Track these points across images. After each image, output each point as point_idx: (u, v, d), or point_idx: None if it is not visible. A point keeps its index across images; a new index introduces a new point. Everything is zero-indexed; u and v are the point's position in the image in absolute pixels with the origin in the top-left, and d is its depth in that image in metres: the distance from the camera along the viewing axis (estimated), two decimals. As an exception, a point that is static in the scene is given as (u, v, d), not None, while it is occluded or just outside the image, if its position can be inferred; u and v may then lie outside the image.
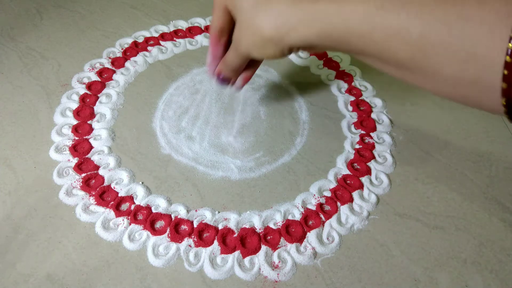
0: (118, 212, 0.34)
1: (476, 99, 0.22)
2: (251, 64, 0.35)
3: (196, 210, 0.35)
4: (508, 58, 0.18)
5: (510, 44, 0.18)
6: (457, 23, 0.20)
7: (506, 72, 0.19)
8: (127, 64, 0.48)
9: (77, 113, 0.42)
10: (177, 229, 0.34)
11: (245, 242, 0.33)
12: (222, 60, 0.34)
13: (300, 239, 0.33)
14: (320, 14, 0.25)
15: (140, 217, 0.34)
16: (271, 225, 0.34)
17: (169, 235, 0.33)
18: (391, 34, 0.22)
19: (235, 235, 0.33)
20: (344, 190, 0.37)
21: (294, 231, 0.34)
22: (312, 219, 0.35)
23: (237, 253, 0.32)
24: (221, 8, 0.31)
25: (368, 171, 0.39)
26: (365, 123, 0.43)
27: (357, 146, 0.41)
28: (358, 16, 0.23)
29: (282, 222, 0.34)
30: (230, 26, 0.32)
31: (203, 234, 0.33)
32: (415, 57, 0.22)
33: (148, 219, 0.34)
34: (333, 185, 0.38)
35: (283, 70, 0.49)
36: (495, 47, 0.19)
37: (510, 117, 0.21)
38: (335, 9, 0.24)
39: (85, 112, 0.42)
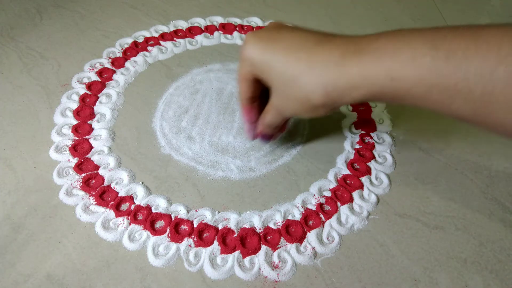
0: (118, 212, 0.34)
1: None
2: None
3: (196, 210, 0.35)
4: None
5: None
6: None
7: None
8: (127, 64, 0.48)
9: (77, 113, 0.42)
10: (177, 229, 0.34)
11: (245, 242, 0.33)
12: (262, 123, 0.33)
13: (300, 239, 0.33)
14: (370, 79, 0.24)
15: (140, 217, 0.34)
16: (271, 225, 0.34)
17: (169, 235, 0.33)
18: (449, 94, 0.21)
19: (235, 235, 0.33)
20: (344, 190, 0.37)
21: (294, 231, 0.34)
22: (312, 219, 0.35)
23: (237, 253, 0.32)
24: (248, 78, 0.30)
25: (368, 171, 0.39)
26: (365, 123, 0.43)
27: (357, 146, 0.41)
28: (411, 79, 0.22)
29: (282, 222, 0.34)
30: (259, 92, 0.31)
31: (203, 234, 0.33)
32: (477, 113, 0.21)
33: (148, 219, 0.34)
34: (333, 185, 0.38)
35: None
36: None
37: None
38: (385, 72, 0.23)
39: (85, 112, 0.42)
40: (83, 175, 0.37)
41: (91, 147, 0.39)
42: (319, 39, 0.26)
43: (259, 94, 0.32)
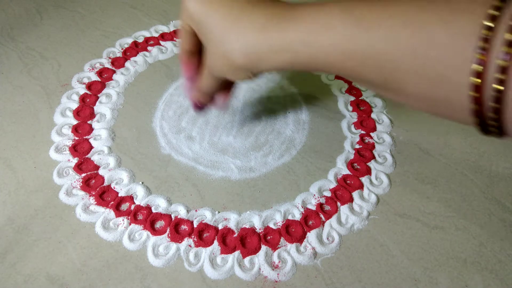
0: (118, 212, 0.34)
1: (450, 116, 0.22)
2: (228, 83, 0.34)
3: (196, 210, 0.35)
4: (473, 79, 0.18)
5: (475, 66, 0.18)
6: (424, 47, 0.19)
7: (474, 94, 0.18)
8: (127, 64, 0.48)
9: (77, 113, 0.42)
10: (177, 229, 0.34)
11: (245, 242, 0.33)
12: (197, 87, 0.33)
13: (300, 239, 0.33)
14: (289, 44, 0.24)
15: (140, 217, 0.34)
16: (271, 225, 0.34)
17: (169, 235, 0.33)
18: (360, 61, 0.22)
19: (235, 235, 0.33)
20: (344, 190, 0.37)
21: (294, 231, 0.34)
22: (312, 219, 0.35)
23: (237, 253, 0.32)
24: (187, 30, 0.30)
25: (368, 171, 0.39)
26: (365, 123, 0.43)
27: (357, 146, 0.41)
28: (327, 45, 0.23)
29: (282, 222, 0.34)
30: (198, 47, 0.31)
31: (203, 234, 0.33)
32: (386, 80, 0.22)
33: (148, 219, 0.34)
34: (333, 185, 0.38)
35: (286, 71, 0.49)
36: (462, 69, 0.18)
37: (484, 133, 0.21)
38: (303, 39, 0.23)
39: (85, 112, 0.42)
40: (83, 175, 0.37)
41: (91, 147, 0.39)
42: (252, 1, 0.27)
43: (198, 49, 0.32)
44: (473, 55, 0.18)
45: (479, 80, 0.18)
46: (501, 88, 0.17)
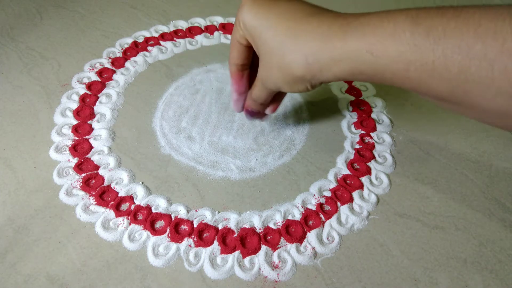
0: (118, 212, 0.34)
1: None
2: (279, 93, 0.34)
3: (196, 210, 0.35)
4: None
5: None
6: (498, 59, 0.19)
7: None
8: (127, 64, 0.48)
9: (77, 113, 0.42)
10: (177, 229, 0.34)
11: (245, 242, 0.33)
12: (250, 96, 0.33)
13: (300, 239, 0.33)
14: (351, 53, 0.24)
15: (140, 217, 0.34)
16: (271, 225, 0.34)
17: (169, 235, 0.33)
18: (427, 71, 0.21)
19: (235, 235, 0.33)
20: (344, 190, 0.37)
21: (294, 231, 0.34)
22: (312, 219, 0.35)
23: (237, 253, 0.32)
24: (240, 43, 0.30)
25: (368, 171, 0.39)
26: (365, 123, 0.43)
27: (357, 146, 0.41)
28: (393, 55, 0.22)
29: (282, 222, 0.34)
30: (250, 60, 0.31)
31: (203, 234, 0.33)
32: (454, 92, 0.21)
33: (148, 219, 0.34)
34: (333, 185, 0.38)
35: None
36: None
37: None
38: (366, 47, 0.23)
39: (85, 112, 0.42)
40: (83, 175, 0.37)
41: (91, 147, 0.39)
42: (311, 11, 0.26)
43: (250, 63, 0.32)
44: None
45: None
46: None
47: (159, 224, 0.34)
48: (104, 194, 0.35)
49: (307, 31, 0.25)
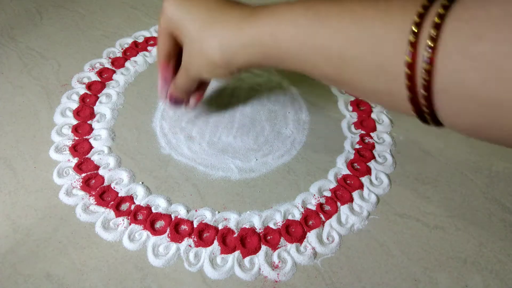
0: (118, 212, 0.34)
1: (394, 106, 0.24)
2: (202, 84, 0.37)
3: (196, 210, 0.35)
4: (406, 69, 0.20)
5: (407, 57, 0.20)
6: (366, 40, 0.21)
7: (407, 82, 0.20)
8: (127, 64, 0.48)
9: (77, 113, 0.42)
10: (177, 229, 0.34)
11: (245, 242, 0.33)
12: (173, 84, 0.35)
13: (300, 239, 0.33)
14: (258, 37, 0.26)
15: (140, 217, 0.34)
16: (271, 225, 0.34)
17: (169, 235, 0.33)
18: (316, 53, 0.24)
19: (235, 235, 0.33)
20: (344, 190, 0.37)
21: (294, 231, 0.34)
22: (312, 219, 0.35)
23: (237, 253, 0.32)
24: (166, 33, 0.32)
25: (368, 171, 0.39)
26: (365, 123, 0.43)
27: (357, 146, 0.41)
28: (288, 36, 0.25)
29: (282, 222, 0.34)
30: (176, 50, 0.33)
31: (203, 234, 0.33)
32: (337, 73, 0.24)
33: (148, 219, 0.34)
34: (333, 185, 0.38)
35: (283, 70, 0.49)
36: (397, 60, 0.20)
37: (422, 121, 0.23)
38: (270, 31, 0.26)
39: (85, 112, 0.42)
40: (83, 175, 0.37)
41: (91, 147, 0.39)
42: (226, 3, 0.29)
43: (176, 53, 0.34)
44: (406, 47, 0.20)
45: (409, 71, 0.20)
46: (427, 78, 0.19)
47: (159, 224, 0.34)
48: (104, 194, 0.35)
49: (221, 20, 0.28)
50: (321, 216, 0.35)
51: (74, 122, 0.41)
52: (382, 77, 0.22)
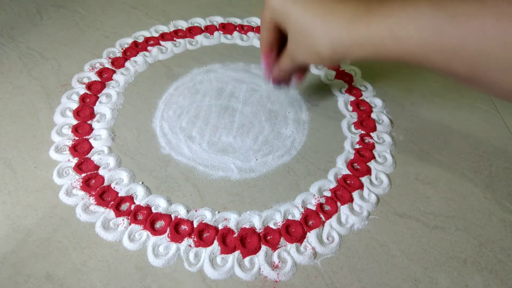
0: (118, 212, 0.34)
1: None
2: (304, 65, 0.37)
3: (196, 210, 0.35)
4: None
5: None
6: None
7: None
8: (127, 64, 0.48)
9: (77, 113, 0.42)
10: (177, 229, 0.34)
11: (245, 242, 0.33)
12: (278, 67, 0.36)
13: (300, 239, 0.33)
14: (374, 37, 0.25)
15: (140, 217, 0.34)
16: (271, 225, 0.34)
17: (169, 235, 0.33)
18: (449, 55, 0.22)
19: (235, 235, 0.33)
20: (344, 190, 0.37)
21: (294, 231, 0.34)
22: (312, 219, 0.35)
23: (237, 253, 0.32)
24: (270, 23, 0.32)
25: (368, 171, 0.39)
26: (365, 123, 0.43)
27: (357, 146, 0.41)
28: (415, 39, 0.23)
29: (282, 222, 0.34)
30: (279, 39, 0.34)
31: (203, 234, 0.33)
32: (475, 73, 0.22)
33: (148, 219, 0.34)
34: (333, 185, 0.38)
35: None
36: None
37: None
38: (388, 32, 0.24)
39: (85, 112, 0.42)
40: (83, 175, 0.37)
41: (91, 147, 0.39)
42: None
43: (279, 41, 0.34)
44: None
45: None
46: None
47: (159, 224, 0.34)
48: (104, 194, 0.35)
49: (332, 15, 0.27)
50: (321, 216, 0.35)
51: (74, 122, 0.41)
52: None
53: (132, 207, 0.35)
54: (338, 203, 0.36)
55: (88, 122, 0.41)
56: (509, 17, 0.20)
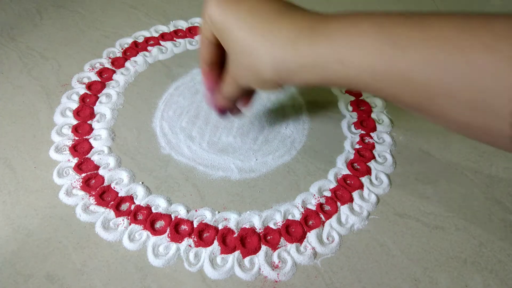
0: (118, 212, 0.34)
1: (490, 142, 0.21)
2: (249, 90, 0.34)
3: (196, 210, 0.35)
4: None
5: None
6: (464, 71, 0.19)
7: None
8: (127, 64, 0.48)
9: (77, 113, 0.42)
10: (177, 229, 0.34)
11: (245, 242, 0.33)
12: (221, 93, 0.32)
13: (300, 239, 0.33)
14: (320, 62, 0.23)
15: (140, 217, 0.34)
16: (271, 225, 0.34)
17: (169, 235, 0.33)
18: (395, 82, 0.21)
19: (235, 235, 0.33)
20: (344, 190, 0.37)
21: (294, 231, 0.34)
22: (312, 219, 0.35)
23: (237, 253, 0.32)
24: (209, 40, 0.29)
25: (368, 171, 0.39)
26: (365, 123, 0.43)
27: (357, 146, 0.41)
28: (361, 65, 0.22)
29: (282, 222, 0.34)
30: (220, 56, 0.30)
31: (203, 234, 0.33)
32: (421, 103, 0.21)
33: (148, 219, 0.34)
34: (333, 185, 0.38)
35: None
36: (503, 96, 0.18)
37: None
38: (336, 57, 0.22)
39: (85, 112, 0.42)
40: (83, 175, 0.37)
41: (91, 147, 0.39)
42: (280, 9, 0.25)
43: (219, 60, 0.31)
44: None
45: None
46: None
47: (159, 224, 0.34)
48: (104, 194, 0.35)
49: (275, 33, 0.24)
50: (321, 216, 0.35)
51: (74, 122, 0.41)
52: (480, 113, 0.19)
53: (132, 207, 0.35)
54: (338, 203, 0.36)
55: (88, 122, 0.41)
56: (456, 47, 0.19)
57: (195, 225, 0.34)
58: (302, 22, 0.24)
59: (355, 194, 0.37)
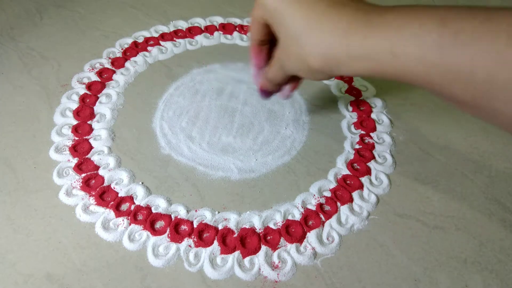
0: (118, 212, 0.34)
1: None
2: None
3: (196, 210, 0.35)
4: None
5: None
6: None
7: None
8: (127, 64, 0.48)
9: (77, 113, 0.42)
10: (177, 229, 0.34)
11: (245, 242, 0.33)
12: (265, 76, 0.33)
13: (300, 239, 0.33)
14: (371, 52, 0.23)
15: (140, 217, 0.34)
16: (271, 225, 0.34)
17: (169, 235, 0.33)
18: (452, 76, 0.20)
19: (235, 235, 0.33)
20: (344, 190, 0.37)
21: (294, 231, 0.34)
22: (312, 219, 0.35)
23: (237, 253, 0.32)
24: (260, 22, 0.29)
25: (368, 171, 0.39)
26: (365, 123, 0.43)
27: (357, 146, 0.41)
28: (414, 56, 0.21)
29: (282, 222, 0.34)
30: (269, 37, 0.31)
31: (203, 234, 0.33)
32: (478, 98, 0.20)
33: (148, 219, 0.34)
34: (333, 185, 0.38)
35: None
36: None
37: None
38: (387, 47, 0.22)
39: (85, 112, 0.42)
40: (83, 175, 0.37)
41: (91, 147, 0.39)
42: (333, 1, 0.26)
43: (269, 39, 0.31)
44: None
45: None
46: None
47: (159, 224, 0.34)
48: (104, 194, 0.35)
49: (329, 24, 0.24)
50: (321, 216, 0.35)
51: (74, 122, 0.41)
52: None
53: (132, 207, 0.35)
54: (338, 203, 0.36)
55: (88, 122, 0.41)
56: None
57: (195, 225, 0.34)
58: (357, 13, 0.24)
59: (355, 194, 0.37)
